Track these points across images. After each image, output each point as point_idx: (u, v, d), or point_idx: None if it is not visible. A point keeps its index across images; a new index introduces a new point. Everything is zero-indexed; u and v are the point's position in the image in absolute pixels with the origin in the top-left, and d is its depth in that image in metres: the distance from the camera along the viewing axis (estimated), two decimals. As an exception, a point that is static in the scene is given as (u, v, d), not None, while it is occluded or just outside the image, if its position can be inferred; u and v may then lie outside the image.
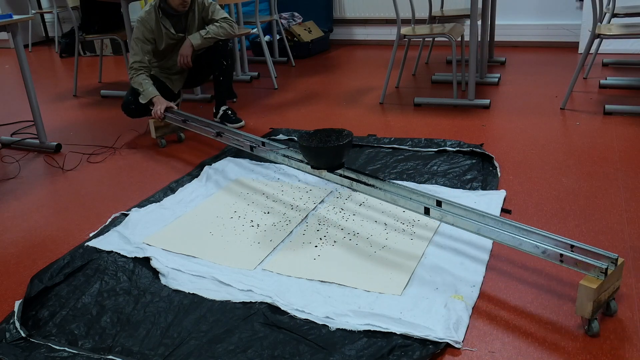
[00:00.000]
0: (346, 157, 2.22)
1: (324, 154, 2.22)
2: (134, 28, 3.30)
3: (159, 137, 3.27)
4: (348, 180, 2.22)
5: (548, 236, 1.72)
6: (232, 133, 2.82)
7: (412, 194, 2.06)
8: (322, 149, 2.21)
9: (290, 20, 5.59)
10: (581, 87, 3.98)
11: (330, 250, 2.09)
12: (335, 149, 2.19)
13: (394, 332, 1.62)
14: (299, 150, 2.35)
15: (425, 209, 1.96)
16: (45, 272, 2.00)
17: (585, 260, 1.59)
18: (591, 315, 1.56)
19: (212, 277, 1.95)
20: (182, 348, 1.63)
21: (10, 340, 1.68)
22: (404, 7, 4.14)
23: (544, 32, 5.35)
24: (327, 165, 2.25)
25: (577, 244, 1.67)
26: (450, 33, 3.68)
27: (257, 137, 2.72)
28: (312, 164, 2.29)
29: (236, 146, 2.79)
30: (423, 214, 1.98)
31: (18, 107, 4.26)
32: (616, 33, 3.34)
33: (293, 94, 4.29)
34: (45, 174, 3.03)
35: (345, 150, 2.21)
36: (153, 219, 2.39)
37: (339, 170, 2.26)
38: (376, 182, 2.17)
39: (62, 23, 7.04)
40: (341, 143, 2.18)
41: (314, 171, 2.30)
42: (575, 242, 1.68)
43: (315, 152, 2.22)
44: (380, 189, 2.12)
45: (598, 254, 1.62)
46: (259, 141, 2.68)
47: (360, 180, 2.19)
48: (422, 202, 1.99)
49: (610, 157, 2.77)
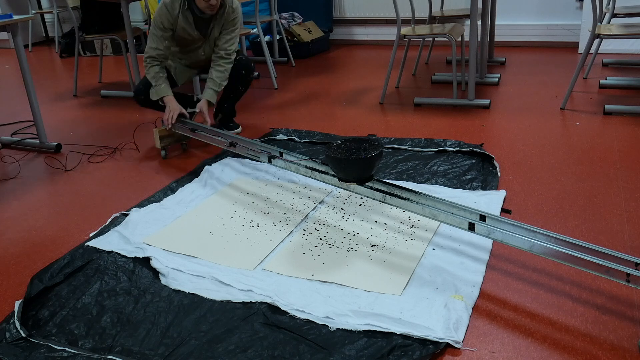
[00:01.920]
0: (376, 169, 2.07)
1: (353, 166, 2.04)
2: (155, 13, 3.11)
3: (163, 147, 3.11)
4: (380, 193, 2.07)
5: (609, 253, 1.59)
6: (246, 143, 2.67)
7: (452, 208, 1.91)
8: (352, 160, 2.03)
9: (290, 20, 5.59)
10: (581, 87, 3.99)
11: (330, 251, 2.09)
12: (366, 160, 2.02)
13: (394, 332, 1.62)
14: (326, 161, 2.19)
15: (470, 224, 1.83)
16: (45, 272, 2.00)
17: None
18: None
19: (212, 277, 1.95)
20: (182, 348, 1.63)
21: (10, 340, 1.68)
22: (404, 7, 4.14)
23: (544, 32, 5.35)
24: (356, 178, 2.08)
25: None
26: (450, 33, 3.68)
27: (275, 148, 2.55)
28: (340, 176, 2.11)
29: (252, 158, 2.63)
30: (467, 229, 1.85)
31: (18, 107, 4.26)
32: (616, 33, 3.34)
33: (293, 94, 4.29)
34: (45, 174, 3.03)
35: (376, 162, 2.05)
36: (153, 219, 2.39)
37: (368, 183, 2.11)
38: (412, 195, 2.02)
39: (62, 23, 7.05)
40: (372, 154, 2.02)
41: (341, 184, 2.15)
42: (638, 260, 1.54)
43: (345, 164, 2.04)
44: (418, 203, 1.98)
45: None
46: (277, 151, 2.52)
47: (394, 194, 2.04)
48: (465, 218, 1.85)
49: (610, 157, 2.77)
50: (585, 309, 1.71)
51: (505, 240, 1.77)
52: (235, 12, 3.18)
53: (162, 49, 3.13)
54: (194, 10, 3.07)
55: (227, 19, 3.18)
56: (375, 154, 2.03)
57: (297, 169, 2.39)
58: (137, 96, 3.27)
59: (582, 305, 1.72)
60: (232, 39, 3.22)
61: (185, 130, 3.03)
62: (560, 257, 1.66)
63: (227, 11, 3.15)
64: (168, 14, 3.06)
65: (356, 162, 2.03)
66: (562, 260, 1.66)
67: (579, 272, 1.88)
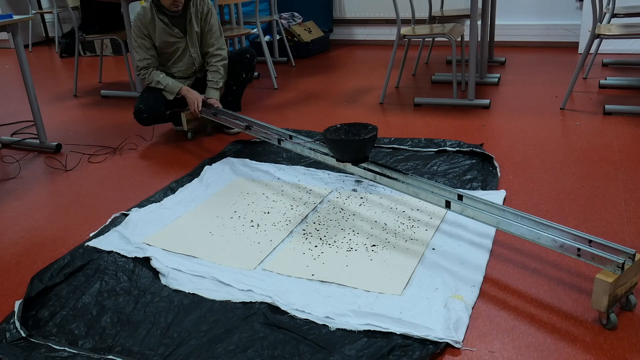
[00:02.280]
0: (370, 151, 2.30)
1: (348, 147, 2.25)
2: (132, 27, 3.25)
3: (190, 129, 3.38)
4: (372, 173, 2.26)
5: (566, 231, 1.74)
6: (260, 126, 2.89)
7: (434, 187, 2.09)
8: (347, 142, 2.26)
9: (290, 20, 5.59)
10: (581, 87, 3.99)
11: (330, 250, 2.09)
12: (360, 142, 2.23)
13: (394, 332, 1.62)
14: (325, 143, 2.39)
15: (447, 202, 1.99)
16: (45, 272, 2.00)
17: (602, 255, 1.61)
18: (607, 308, 1.57)
19: (212, 277, 1.95)
20: (182, 348, 1.63)
21: (11, 340, 1.68)
22: (403, 7, 4.14)
23: (544, 32, 5.35)
24: (351, 159, 2.29)
25: (594, 239, 1.67)
26: (450, 33, 3.68)
27: (285, 130, 2.79)
28: (337, 156, 2.33)
29: (264, 139, 2.85)
30: (444, 207, 2.01)
31: (18, 107, 4.26)
32: (616, 33, 3.34)
33: (293, 94, 4.29)
34: (45, 174, 3.03)
35: (369, 144, 2.25)
36: (153, 219, 2.39)
37: (363, 164, 2.30)
38: (399, 175, 2.20)
39: (62, 23, 7.05)
40: (366, 137, 2.22)
41: (338, 164, 2.35)
42: (593, 237, 1.68)
43: (340, 145, 2.26)
44: (403, 182, 2.15)
45: (615, 249, 1.64)
46: (287, 134, 2.74)
47: (384, 174, 2.23)
48: (444, 196, 2.02)
49: (610, 157, 2.77)
50: (585, 308, 1.71)
51: (475, 216, 1.91)
52: (204, 2, 3.27)
53: (150, 57, 3.23)
54: (165, 13, 3.17)
55: (201, 11, 3.26)
56: (369, 137, 2.21)
57: (302, 150, 2.60)
58: (139, 116, 3.27)
59: (582, 304, 1.72)
60: (214, 32, 3.30)
61: (209, 114, 3.23)
62: (520, 232, 1.79)
63: (196, 2, 3.24)
64: (143, 20, 3.18)
65: (351, 143, 2.25)
66: (523, 235, 1.78)
67: (579, 273, 1.88)
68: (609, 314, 1.60)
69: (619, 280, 1.58)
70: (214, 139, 3.39)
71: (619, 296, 1.62)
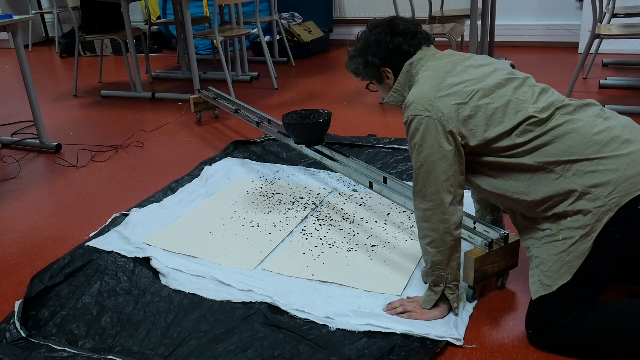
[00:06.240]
0: (324, 134, 2.43)
1: (302, 130, 2.40)
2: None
3: (197, 111, 3.68)
4: (320, 155, 2.41)
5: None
6: (246, 110, 3.14)
7: (367, 170, 2.23)
8: (300, 125, 2.42)
9: (290, 20, 5.59)
10: (581, 87, 3.98)
11: (330, 250, 2.09)
12: (311, 125, 2.39)
13: (394, 330, 1.62)
14: (283, 126, 2.53)
15: (370, 182, 2.13)
16: (45, 272, 2.00)
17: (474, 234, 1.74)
18: (473, 282, 1.68)
19: (212, 277, 1.95)
20: (182, 348, 1.63)
21: (10, 340, 1.68)
22: (403, 7, 4.14)
23: (544, 32, 5.35)
24: (305, 141, 2.43)
25: (479, 221, 1.80)
26: (450, 33, 3.68)
27: (265, 115, 2.99)
28: (293, 138, 2.48)
29: (247, 121, 3.07)
30: (367, 186, 2.14)
31: (18, 107, 4.26)
32: (616, 33, 3.34)
33: (293, 94, 4.29)
34: (45, 174, 3.03)
35: (322, 127, 2.39)
36: (153, 219, 2.39)
37: (318, 147, 2.45)
38: (341, 157, 2.37)
39: (62, 23, 7.04)
40: (317, 121, 2.39)
41: (296, 146, 2.52)
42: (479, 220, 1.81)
43: (294, 128, 2.41)
44: (341, 164, 2.31)
45: (491, 229, 1.75)
46: (266, 118, 2.95)
47: (327, 155, 2.39)
48: (369, 177, 2.17)
49: (610, 157, 2.77)
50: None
51: (390, 196, 2.06)
52: None
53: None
54: None
55: None
56: (321, 121, 2.37)
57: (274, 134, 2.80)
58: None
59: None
60: None
61: (210, 98, 3.51)
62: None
63: None
64: None
65: (303, 126, 2.41)
66: None
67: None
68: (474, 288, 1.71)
69: (487, 258, 1.68)
70: (214, 139, 3.39)
71: (489, 273, 1.71)
